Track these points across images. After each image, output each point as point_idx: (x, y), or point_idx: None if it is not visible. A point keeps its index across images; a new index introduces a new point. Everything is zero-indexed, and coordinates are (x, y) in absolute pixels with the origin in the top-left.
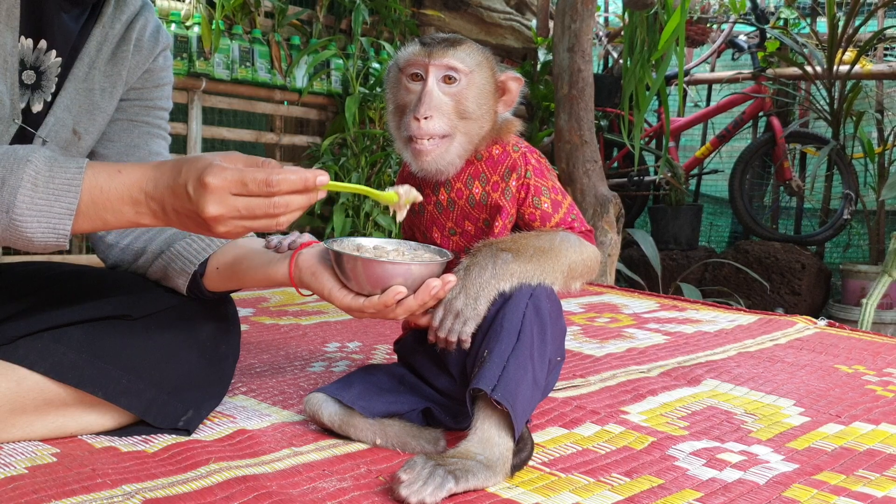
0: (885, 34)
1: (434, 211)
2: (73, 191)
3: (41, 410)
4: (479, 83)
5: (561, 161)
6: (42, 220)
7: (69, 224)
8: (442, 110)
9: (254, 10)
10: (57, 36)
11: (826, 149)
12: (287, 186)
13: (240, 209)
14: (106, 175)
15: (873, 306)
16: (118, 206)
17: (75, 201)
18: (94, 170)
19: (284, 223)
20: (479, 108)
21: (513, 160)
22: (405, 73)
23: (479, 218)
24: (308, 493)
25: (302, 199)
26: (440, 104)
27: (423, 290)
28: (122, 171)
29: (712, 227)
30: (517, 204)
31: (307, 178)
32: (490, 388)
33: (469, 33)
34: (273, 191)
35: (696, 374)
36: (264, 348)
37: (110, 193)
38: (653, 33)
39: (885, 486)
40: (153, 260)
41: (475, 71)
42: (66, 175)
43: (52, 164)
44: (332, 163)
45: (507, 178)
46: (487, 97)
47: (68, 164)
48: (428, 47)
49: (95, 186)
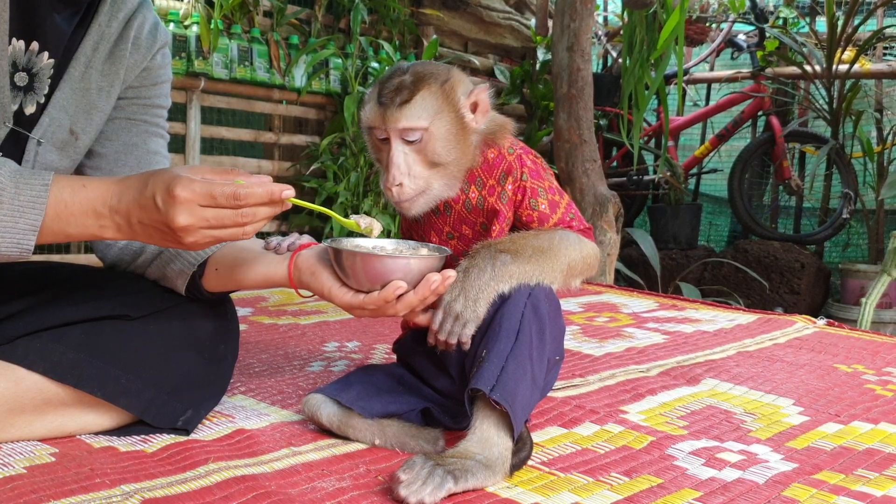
0: (884, 33)
1: (431, 215)
2: (37, 208)
3: (40, 410)
4: (443, 130)
5: (560, 160)
6: (6, 236)
7: (33, 239)
8: (412, 172)
9: (252, 9)
10: (49, 37)
11: (825, 148)
12: (254, 200)
13: (209, 219)
14: (70, 190)
15: (872, 305)
16: (81, 219)
17: (39, 218)
18: (59, 185)
19: (251, 232)
20: (449, 152)
21: (508, 163)
22: (371, 135)
23: (477, 222)
24: (307, 493)
25: (268, 210)
26: (409, 167)
27: (423, 285)
28: (86, 185)
29: (711, 227)
30: (514, 207)
31: (273, 192)
32: (489, 388)
33: (468, 32)
34: (241, 203)
35: (695, 374)
36: (263, 348)
37: (73, 207)
38: (652, 32)
39: (885, 485)
40: (152, 260)
41: (435, 121)
42: (32, 192)
43: (17, 180)
44: (331, 162)
45: (503, 182)
46: (456, 136)
47: (33, 181)
48: (383, 108)
49: (60, 201)
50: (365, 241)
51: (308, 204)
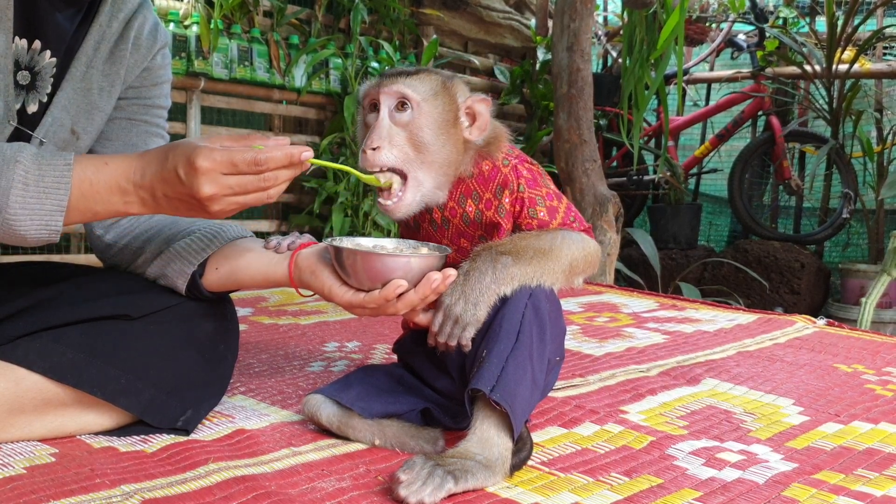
0: (884, 33)
1: (429, 228)
2: (62, 188)
3: (40, 410)
4: (435, 113)
5: (560, 160)
6: (35, 218)
7: (61, 220)
8: (393, 141)
9: (252, 9)
10: (51, 36)
11: (825, 148)
12: (274, 164)
13: (232, 186)
14: (93, 168)
15: (872, 305)
16: (107, 196)
17: (66, 197)
18: (81, 164)
19: (274, 195)
20: (436, 138)
21: (503, 176)
22: (364, 106)
23: (475, 235)
24: (307, 493)
25: (289, 172)
26: (391, 135)
27: (424, 284)
28: (108, 163)
29: (711, 227)
30: (513, 218)
31: (292, 154)
32: (489, 389)
33: (468, 32)
34: (262, 168)
35: (695, 374)
36: (263, 348)
37: (99, 186)
38: (652, 32)
39: (884, 485)
40: (152, 260)
41: (429, 100)
42: (55, 172)
43: (40, 162)
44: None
45: (499, 196)
46: (446, 125)
47: (56, 161)
48: (382, 78)
49: (85, 180)
50: (365, 240)
51: (327, 163)
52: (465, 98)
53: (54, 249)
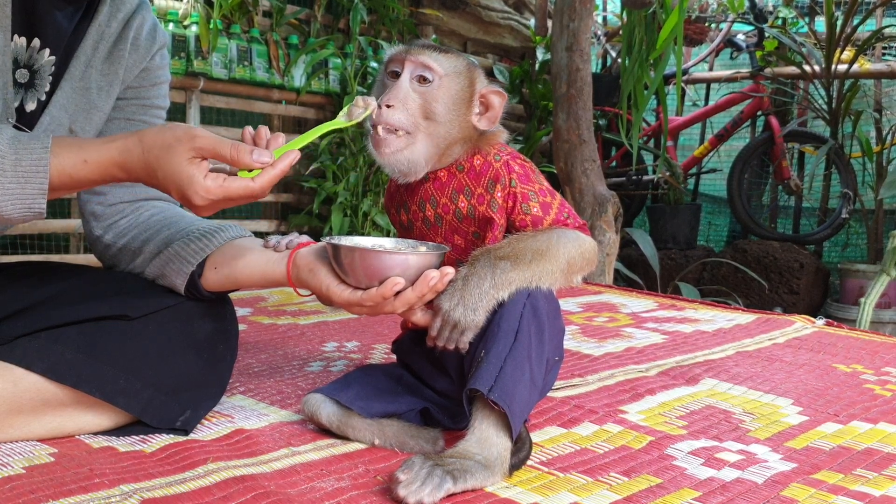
0: (883, 33)
1: (422, 227)
2: (41, 172)
3: (38, 410)
4: (453, 89)
5: (559, 160)
6: (16, 202)
7: (43, 201)
8: (407, 105)
9: (252, 9)
10: (50, 34)
11: (824, 148)
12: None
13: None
14: (71, 163)
15: (871, 305)
16: (91, 178)
17: (45, 181)
18: (58, 157)
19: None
20: (447, 112)
21: (495, 171)
22: (387, 70)
23: (468, 231)
24: (306, 493)
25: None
26: (407, 98)
27: (422, 282)
28: (87, 161)
29: (711, 227)
30: (506, 214)
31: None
32: (487, 389)
33: (467, 32)
34: (255, 194)
35: (694, 374)
36: (262, 348)
37: (80, 178)
38: (651, 32)
39: (883, 484)
40: (150, 260)
41: (451, 76)
42: (32, 157)
43: (16, 146)
44: (331, 162)
45: (491, 190)
46: (459, 105)
47: (32, 145)
48: (410, 44)
49: (63, 172)
50: (364, 239)
51: (300, 139)
52: (483, 86)
53: (54, 249)
